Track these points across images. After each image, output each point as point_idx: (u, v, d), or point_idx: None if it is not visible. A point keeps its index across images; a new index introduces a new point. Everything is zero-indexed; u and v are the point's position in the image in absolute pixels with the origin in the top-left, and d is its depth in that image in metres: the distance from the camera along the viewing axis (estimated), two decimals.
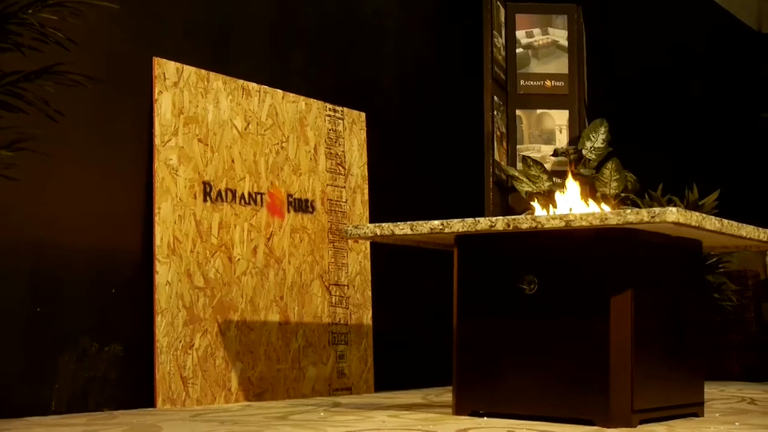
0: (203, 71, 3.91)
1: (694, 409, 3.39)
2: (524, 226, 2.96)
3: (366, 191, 4.60)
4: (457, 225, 3.10)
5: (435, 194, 5.13)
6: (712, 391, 4.83)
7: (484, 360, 3.27)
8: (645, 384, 3.07)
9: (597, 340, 3.03)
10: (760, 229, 3.21)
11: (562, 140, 5.53)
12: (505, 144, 5.44)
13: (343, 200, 4.48)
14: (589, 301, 3.04)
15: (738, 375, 5.79)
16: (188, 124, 3.82)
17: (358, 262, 4.53)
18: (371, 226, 3.29)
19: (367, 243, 4.55)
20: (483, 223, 3.04)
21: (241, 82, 4.06)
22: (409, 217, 3.57)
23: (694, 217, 2.81)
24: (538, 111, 5.56)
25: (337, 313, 4.38)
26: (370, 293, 4.57)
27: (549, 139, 5.54)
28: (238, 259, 3.95)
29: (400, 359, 4.79)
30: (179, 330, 3.68)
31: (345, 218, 4.47)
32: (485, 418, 3.21)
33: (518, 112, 5.54)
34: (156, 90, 3.71)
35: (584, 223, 2.87)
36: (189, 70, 3.85)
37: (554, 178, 5.32)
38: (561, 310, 3.10)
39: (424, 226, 3.16)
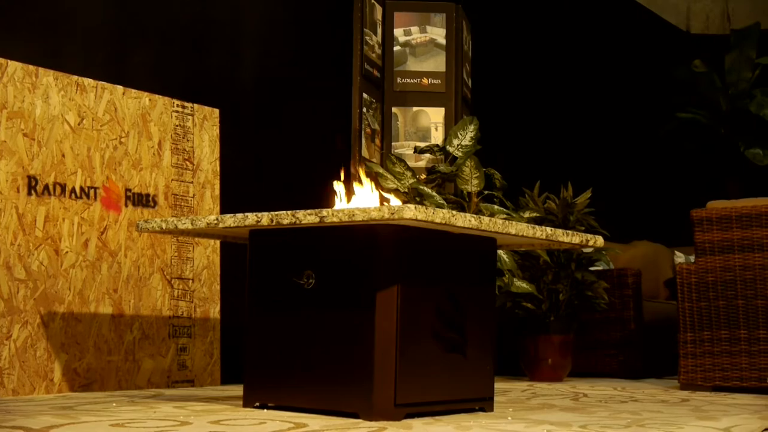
0: (31, 67, 3.96)
1: (481, 403, 3.43)
2: (285, 221, 3.01)
3: (217, 187, 4.66)
4: (229, 220, 3.15)
5: (296, 190, 5.17)
6: (562, 386, 4.88)
7: (272, 354, 3.33)
8: (413, 378, 3.12)
9: (363, 334, 3.08)
10: (537, 227, 3.25)
11: (437, 138, 5.58)
12: (378, 141, 5.49)
13: (190, 195, 4.53)
14: (358, 296, 3.10)
15: (616, 372, 5.83)
16: (12, 119, 3.88)
17: (206, 256, 4.58)
18: (158, 220, 3.34)
19: None
20: (251, 218, 3.09)
21: (75, 77, 4.11)
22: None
23: (439, 215, 2.86)
24: (414, 108, 5.61)
25: (180, 306, 4.44)
26: (218, 287, 4.62)
27: (425, 136, 5.59)
28: (66, 252, 4.01)
29: None
30: None
31: (192, 213, 4.52)
32: (266, 411, 3.26)
33: (394, 109, 5.59)
34: None
35: (335, 219, 2.92)
36: (15, 66, 3.91)
37: (420, 175, 5.37)
38: (335, 305, 3.16)
39: (202, 221, 3.22)
